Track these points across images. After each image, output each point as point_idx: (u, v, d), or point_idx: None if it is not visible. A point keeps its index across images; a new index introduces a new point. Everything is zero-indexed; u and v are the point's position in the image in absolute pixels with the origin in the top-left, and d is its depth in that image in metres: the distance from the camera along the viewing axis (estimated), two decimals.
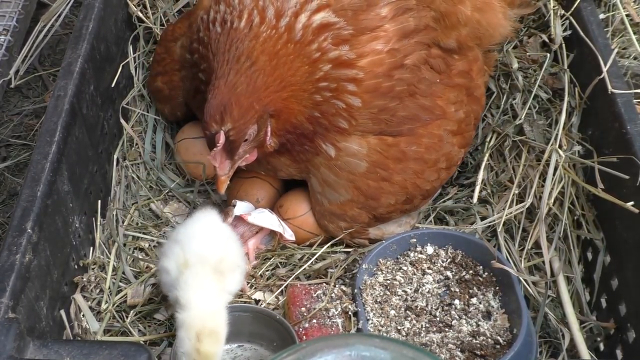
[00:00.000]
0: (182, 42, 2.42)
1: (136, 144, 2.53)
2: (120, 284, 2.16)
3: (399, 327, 1.98)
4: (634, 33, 2.61)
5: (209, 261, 1.89)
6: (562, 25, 2.48)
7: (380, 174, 2.13)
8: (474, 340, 1.93)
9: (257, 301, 2.11)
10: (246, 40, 1.99)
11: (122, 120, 2.51)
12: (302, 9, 2.02)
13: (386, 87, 2.08)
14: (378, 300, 2.04)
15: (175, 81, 2.46)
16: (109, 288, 2.14)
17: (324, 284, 2.11)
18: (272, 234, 2.25)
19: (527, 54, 2.54)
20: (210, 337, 1.79)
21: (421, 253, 2.16)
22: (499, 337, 1.94)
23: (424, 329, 1.98)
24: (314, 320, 1.97)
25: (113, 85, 2.44)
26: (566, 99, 2.33)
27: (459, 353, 1.91)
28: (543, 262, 2.12)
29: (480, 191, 2.33)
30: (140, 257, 2.24)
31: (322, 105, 2.05)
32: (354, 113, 2.06)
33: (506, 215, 2.21)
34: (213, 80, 2.00)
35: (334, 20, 2.03)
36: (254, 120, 1.97)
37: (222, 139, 1.93)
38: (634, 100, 2.14)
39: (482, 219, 2.27)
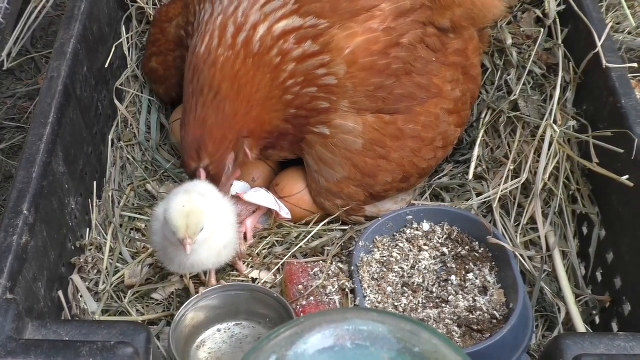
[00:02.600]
0: (178, 22, 2.41)
1: (131, 125, 2.53)
2: (118, 264, 2.17)
3: (396, 304, 1.99)
4: (629, 7, 2.61)
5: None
6: (556, 0, 2.48)
7: (378, 151, 2.14)
8: (471, 316, 1.94)
9: (254, 280, 2.12)
10: (206, 68, 1.98)
11: (116, 101, 2.50)
12: (265, 19, 2.02)
13: (382, 65, 2.08)
14: (375, 277, 2.05)
15: (169, 61, 2.46)
16: (107, 269, 2.14)
17: (321, 261, 2.11)
18: (269, 213, 2.25)
19: (521, 29, 2.53)
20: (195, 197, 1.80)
21: (417, 230, 2.16)
22: (495, 312, 1.95)
23: (420, 305, 1.99)
24: (312, 298, 1.98)
25: (107, 66, 2.43)
26: (561, 74, 2.33)
27: (455, 328, 1.92)
28: (539, 237, 2.13)
29: (476, 167, 2.33)
30: (137, 237, 2.24)
31: (294, 101, 2.05)
32: (332, 89, 2.06)
33: (502, 191, 2.21)
34: (183, 114, 2.01)
35: (299, 23, 2.02)
36: (230, 149, 1.98)
37: (203, 175, 1.96)
38: (629, 75, 2.14)
39: (478, 195, 2.27)
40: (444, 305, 1.98)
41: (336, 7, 2.04)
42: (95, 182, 2.28)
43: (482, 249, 2.10)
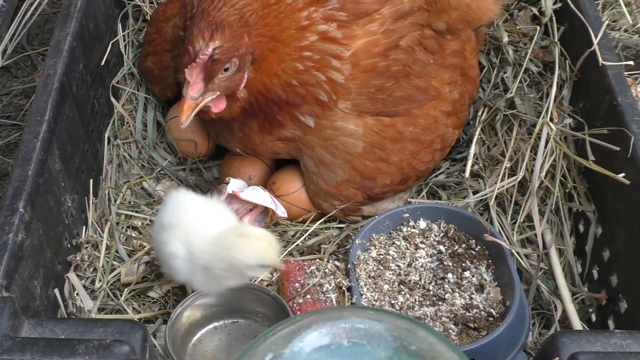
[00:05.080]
0: (175, 22, 2.41)
1: (127, 123, 2.52)
2: (114, 262, 2.16)
3: (392, 302, 1.99)
4: (625, 5, 2.61)
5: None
6: None
7: (378, 154, 2.14)
8: (467, 313, 1.94)
9: (250, 278, 2.12)
10: None
11: (112, 99, 2.50)
12: None
13: (382, 66, 2.09)
14: (372, 275, 2.05)
15: (165, 61, 2.45)
16: (103, 267, 2.13)
17: (318, 259, 2.11)
18: (265, 211, 2.25)
19: (518, 27, 2.53)
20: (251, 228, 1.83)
21: (414, 228, 2.16)
22: (492, 310, 1.95)
23: (417, 302, 1.99)
24: (308, 296, 1.98)
25: (103, 63, 2.43)
26: (557, 72, 2.33)
27: (452, 326, 1.92)
28: (535, 235, 2.13)
29: (472, 165, 2.34)
30: (133, 235, 2.24)
31: (302, 74, 2.04)
32: (335, 87, 2.06)
33: (498, 189, 2.21)
34: (201, 13, 1.95)
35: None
36: (241, 50, 1.93)
37: (209, 51, 1.88)
38: (625, 73, 2.14)
39: (475, 193, 2.27)
40: (440, 303, 1.98)
41: (342, 8, 2.06)
42: (91, 180, 2.27)
43: (479, 247, 2.10)
